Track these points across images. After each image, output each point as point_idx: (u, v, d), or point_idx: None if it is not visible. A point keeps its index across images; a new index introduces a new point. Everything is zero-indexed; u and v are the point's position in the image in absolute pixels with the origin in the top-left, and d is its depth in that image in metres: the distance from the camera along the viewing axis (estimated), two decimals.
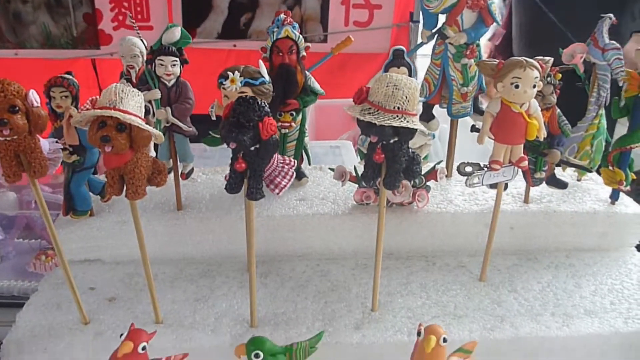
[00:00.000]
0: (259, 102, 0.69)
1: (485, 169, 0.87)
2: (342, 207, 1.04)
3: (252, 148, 0.70)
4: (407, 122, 0.70)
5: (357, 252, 1.04)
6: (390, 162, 0.75)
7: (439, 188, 1.11)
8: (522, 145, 0.86)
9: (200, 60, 1.03)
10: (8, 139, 0.72)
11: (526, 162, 0.87)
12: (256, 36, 2.11)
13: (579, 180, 1.17)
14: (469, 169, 0.88)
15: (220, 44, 2.14)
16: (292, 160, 0.77)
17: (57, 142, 0.80)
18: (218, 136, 1.00)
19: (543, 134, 0.86)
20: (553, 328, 0.88)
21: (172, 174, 1.03)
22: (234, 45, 2.14)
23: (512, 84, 0.79)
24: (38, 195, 0.77)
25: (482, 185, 0.88)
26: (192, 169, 1.05)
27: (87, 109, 0.77)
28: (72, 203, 0.99)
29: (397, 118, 0.70)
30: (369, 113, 0.71)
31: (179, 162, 1.02)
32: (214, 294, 0.94)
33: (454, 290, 0.96)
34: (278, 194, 0.75)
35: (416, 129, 0.72)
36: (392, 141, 0.74)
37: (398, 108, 0.70)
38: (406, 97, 0.70)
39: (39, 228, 1.31)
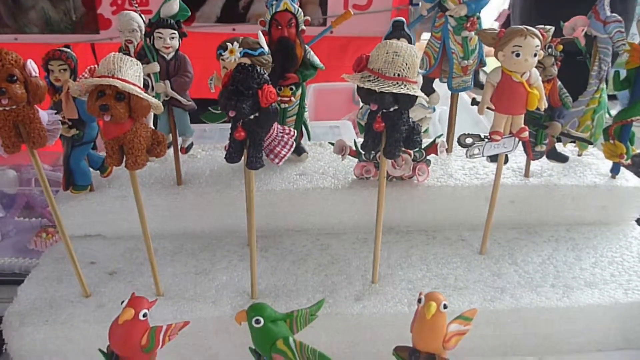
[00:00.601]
0: (258, 70, 0.69)
1: (486, 139, 0.86)
2: (342, 182, 1.04)
3: (252, 116, 0.70)
4: (407, 89, 0.70)
5: (357, 226, 1.04)
6: (390, 131, 0.75)
7: (439, 162, 1.10)
8: (522, 116, 0.86)
9: (200, 44, 1.03)
10: (7, 108, 0.71)
11: (527, 133, 0.87)
12: (255, 20, 2.07)
13: (579, 155, 1.17)
14: (469, 140, 0.87)
15: (220, 28, 2.13)
16: (292, 130, 0.77)
17: (56, 113, 0.80)
18: (217, 112, 1.00)
19: (544, 104, 0.85)
20: (553, 299, 0.88)
21: (171, 149, 1.04)
22: (233, 29, 2.13)
23: (512, 52, 0.79)
24: (37, 166, 0.77)
25: (483, 156, 0.87)
26: (192, 143, 1.05)
27: (86, 78, 0.76)
28: (72, 178, 0.98)
29: (397, 85, 0.70)
30: (369, 80, 0.70)
31: (178, 137, 1.02)
32: (214, 268, 0.95)
33: (454, 263, 0.96)
34: (278, 163, 0.75)
35: (416, 97, 0.72)
36: (392, 109, 0.73)
37: (398, 75, 0.70)
38: (406, 64, 0.70)
39: (39, 206, 1.30)
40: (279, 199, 1.02)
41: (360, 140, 0.98)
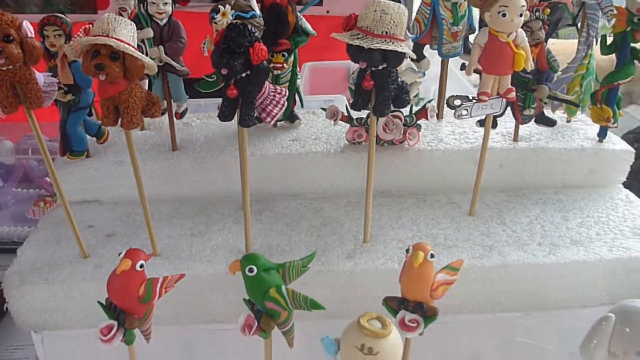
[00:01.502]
0: (249, 28, 0.70)
1: (474, 100, 0.88)
2: (334, 147, 1.06)
3: (244, 74, 0.72)
4: (395, 46, 0.72)
5: (349, 190, 1.06)
6: (379, 90, 0.77)
7: (430, 128, 1.12)
8: (509, 77, 0.88)
9: (196, 25, 1.04)
10: (3, 68, 0.73)
11: (514, 94, 0.88)
12: None
13: (568, 121, 1.19)
14: (457, 101, 0.89)
15: None
16: (284, 89, 0.78)
17: (52, 76, 0.81)
18: (211, 80, 1.02)
19: (530, 65, 0.87)
20: (540, 256, 0.90)
21: (166, 117, 1.05)
22: None
23: (499, 12, 0.80)
24: (34, 126, 0.79)
25: (471, 117, 0.89)
26: (186, 109, 1.07)
27: (81, 38, 0.77)
28: (69, 144, 1.00)
29: (385, 42, 0.71)
30: (358, 38, 0.72)
31: (172, 102, 1.03)
32: (209, 230, 0.97)
33: (444, 223, 0.98)
34: (270, 122, 0.77)
35: (404, 54, 0.73)
36: (380, 68, 0.75)
37: (386, 33, 0.72)
38: (394, 22, 0.72)
39: (37, 177, 1.32)
40: (273, 164, 1.04)
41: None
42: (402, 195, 1.07)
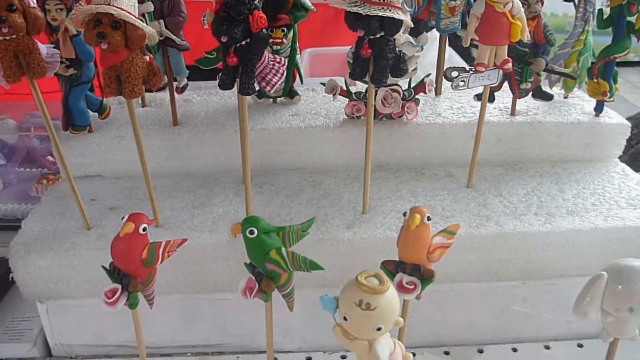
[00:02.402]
0: None
1: (471, 72, 0.89)
2: (333, 121, 1.07)
3: (243, 42, 0.73)
4: (393, 13, 0.73)
5: (348, 164, 1.07)
6: (377, 58, 0.78)
7: (428, 103, 1.14)
8: (505, 48, 0.88)
9: (195, 11, 1.05)
10: (7, 37, 0.74)
11: (510, 65, 0.89)
12: None
13: (565, 97, 1.20)
14: (455, 73, 0.90)
15: None
16: (283, 59, 0.79)
17: (54, 47, 0.82)
18: (212, 56, 1.03)
19: (527, 36, 0.88)
20: (536, 225, 0.92)
21: (167, 93, 1.07)
22: None
23: None
24: (37, 96, 0.80)
25: (468, 87, 0.90)
26: (187, 84, 1.08)
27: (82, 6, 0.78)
28: (71, 118, 1.01)
29: (382, 9, 0.72)
30: (356, 5, 0.73)
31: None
32: (211, 202, 0.98)
33: (441, 195, 1.00)
34: (269, 91, 0.78)
35: (401, 22, 0.75)
36: (378, 36, 0.76)
37: (384, 0, 0.73)
38: None
39: (39, 156, 1.33)
40: (273, 138, 1.05)
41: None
42: (400, 169, 1.08)
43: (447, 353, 0.97)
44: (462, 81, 0.89)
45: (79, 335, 0.96)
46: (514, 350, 0.97)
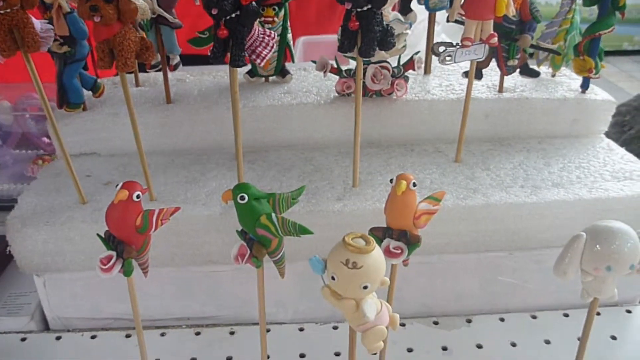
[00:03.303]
0: None
1: (457, 46, 0.91)
2: (324, 98, 1.09)
3: (233, 15, 0.74)
4: None
5: (339, 140, 1.09)
6: (364, 31, 0.80)
7: (417, 81, 1.16)
8: (491, 22, 0.90)
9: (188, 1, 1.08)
10: (1, 12, 0.76)
11: (496, 39, 0.91)
12: None
13: (553, 76, 1.22)
14: (441, 48, 0.92)
15: None
16: (273, 32, 0.81)
17: (48, 22, 0.84)
18: (204, 36, 1.04)
19: (512, 10, 0.90)
20: (522, 196, 0.94)
21: (160, 74, 1.08)
22: None
23: None
24: (31, 70, 0.81)
25: (455, 62, 0.92)
26: (180, 62, 1.09)
27: None
28: (66, 96, 1.03)
29: None
30: None
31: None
32: (204, 177, 1.00)
33: (430, 169, 1.02)
34: (260, 63, 0.80)
35: None
36: (365, 8, 0.78)
37: None
38: None
39: (35, 137, 1.35)
40: (265, 115, 1.07)
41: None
42: (390, 145, 1.10)
43: (436, 323, 0.99)
44: (448, 55, 0.91)
45: (75, 308, 0.98)
46: (502, 320, 1.00)
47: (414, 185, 0.72)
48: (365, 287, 0.61)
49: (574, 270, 0.66)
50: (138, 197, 0.71)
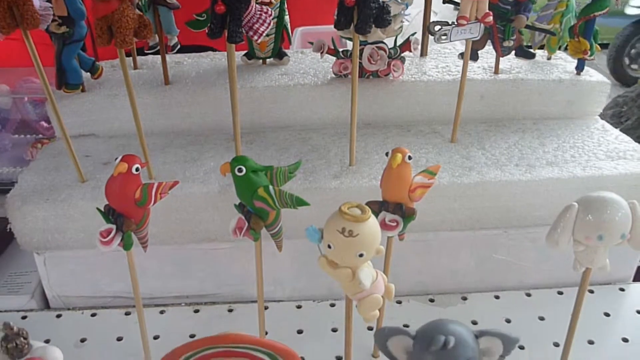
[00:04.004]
0: None
1: (453, 25, 0.92)
2: (321, 79, 1.10)
3: None
4: None
5: (336, 121, 1.10)
6: (361, 7, 0.80)
7: (414, 63, 1.17)
8: (487, 2, 0.91)
9: None
10: None
11: (491, 18, 0.92)
12: None
13: (548, 59, 1.23)
14: (437, 27, 0.93)
15: None
16: (270, 9, 0.82)
17: (47, 1, 0.84)
18: (202, 18, 1.05)
19: None
20: (516, 174, 0.95)
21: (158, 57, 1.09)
22: None
23: None
24: (30, 47, 0.82)
25: (450, 41, 0.93)
26: (177, 43, 1.10)
27: None
28: (65, 77, 1.03)
29: None
30: None
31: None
32: (202, 156, 1.01)
33: (426, 149, 1.03)
34: (257, 40, 0.81)
35: None
36: None
37: None
38: None
39: (33, 121, 1.36)
40: (262, 96, 1.08)
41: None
42: (387, 126, 1.11)
43: (432, 300, 1.00)
44: (444, 34, 0.92)
45: (75, 286, 0.99)
46: (497, 297, 1.01)
47: (409, 158, 0.73)
48: (361, 255, 0.62)
49: (567, 240, 0.67)
50: (137, 170, 0.72)
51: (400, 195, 0.74)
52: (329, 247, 0.63)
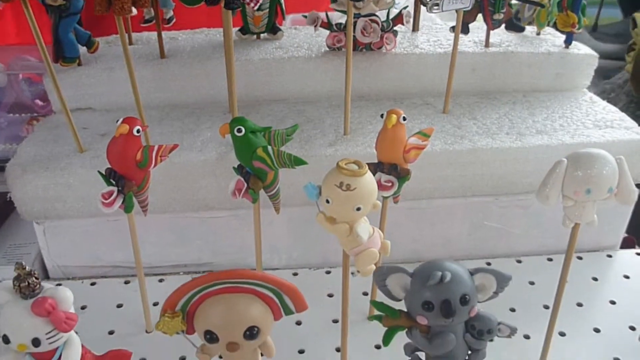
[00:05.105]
0: None
1: None
2: (315, 52, 1.11)
3: None
4: None
5: (330, 94, 1.12)
6: None
7: (406, 37, 1.19)
8: None
9: None
10: None
11: None
12: None
13: (538, 34, 1.25)
14: None
15: None
16: None
17: None
18: None
19: None
20: (507, 142, 0.97)
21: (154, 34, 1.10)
22: None
23: None
24: (29, 16, 0.83)
25: (442, 11, 0.95)
26: (173, 16, 1.11)
27: None
28: (61, 50, 1.04)
29: None
30: None
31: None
32: (199, 127, 1.02)
33: (419, 119, 1.05)
34: (254, 7, 0.82)
35: None
36: None
37: None
38: None
39: (29, 100, 1.36)
40: (257, 69, 1.09)
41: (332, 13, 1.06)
42: (380, 98, 1.13)
43: None
44: (436, 4, 0.94)
45: (75, 256, 1.00)
46: (488, 264, 1.03)
47: (404, 119, 0.75)
48: (358, 209, 0.64)
49: (556, 195, 0.69)
50: (138, 131, 0.73)
51: (395, 156, 0.76)
52: (327, 201, 0.65)
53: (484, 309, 0.61)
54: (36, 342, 0.51)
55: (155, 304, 0.93)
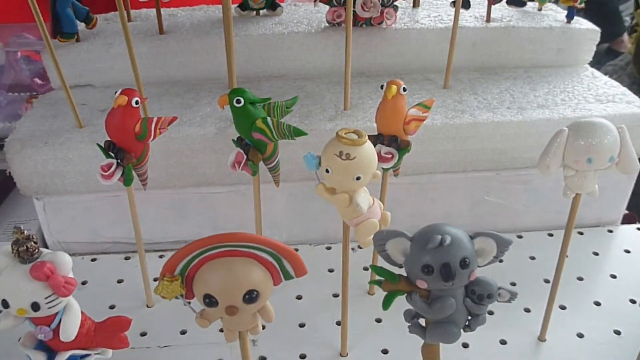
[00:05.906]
0: None
1: None
2: (315, 28, 1.10)
3: None
4: None
5: (331, 70, 1.11)
6: None
7: (406, 13, 1.18)
8: None
9: None
10: None
11: None
12: None
13: (539, 10, 1.24)
14: None
15: None
16: None
17: None
18: None
19: None
20: (508, 116, 0.97)
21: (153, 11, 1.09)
22: None
23: None
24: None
25: None
26: None
27: None
28: (60, 26, 1.04)
29: None
30: None
31: None
32: (198, 103, 1.02)
33: (419, 94, 1.04)
34: None
35: None
36: None
37: None
38: None
39: (27, 79, 1.36)
40: (257, 44, 1.08)
41: None
42: (380, 74, 1.12)
43: None
44: None
45: (75, 232, 1.00)
46: None
47: (404, 90, 0.74)
48: (358, 178, 0.64)
49: (557, 164, 0.69)
50: (137, 103, 0.73)
51: (395, 128, 0.76)
52: (327, 171, 0.64)
53: None
54: (35, 306, 0.51)
55: (155, 280, 0.93)
